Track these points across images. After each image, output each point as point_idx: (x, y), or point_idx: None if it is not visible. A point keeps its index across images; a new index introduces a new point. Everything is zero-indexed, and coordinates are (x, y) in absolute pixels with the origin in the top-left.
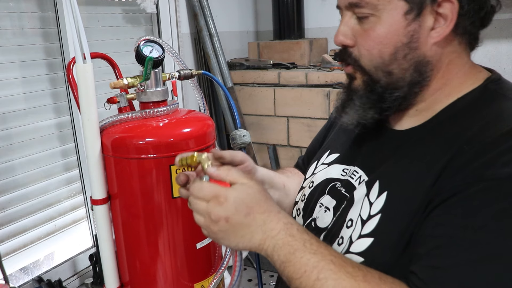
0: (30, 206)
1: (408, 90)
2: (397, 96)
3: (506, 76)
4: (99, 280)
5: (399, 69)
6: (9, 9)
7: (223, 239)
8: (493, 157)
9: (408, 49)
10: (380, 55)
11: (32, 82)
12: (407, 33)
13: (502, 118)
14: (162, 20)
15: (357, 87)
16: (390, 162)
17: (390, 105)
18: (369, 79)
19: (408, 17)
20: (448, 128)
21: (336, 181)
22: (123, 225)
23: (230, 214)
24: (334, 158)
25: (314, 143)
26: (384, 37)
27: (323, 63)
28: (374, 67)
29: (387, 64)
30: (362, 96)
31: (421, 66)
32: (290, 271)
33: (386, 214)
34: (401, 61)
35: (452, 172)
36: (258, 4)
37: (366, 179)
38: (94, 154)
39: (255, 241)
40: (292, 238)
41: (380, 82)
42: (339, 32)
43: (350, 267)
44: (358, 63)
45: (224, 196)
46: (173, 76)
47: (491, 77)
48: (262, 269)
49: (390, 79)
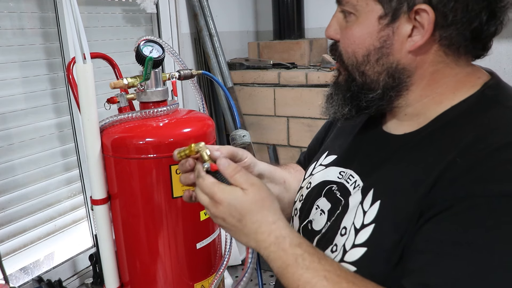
0: (30, 206)
1: (382, 93)
2: (372, 97)
3: (506, 76)
4: (99, 280)
5: (372, 72)
6: (9, 9)
7: (225, 229)
8: (485, 172)
9: (381, 54)
10: (354, 54)
11: (32, 82)
12: (380, 37)
13: (496, 130)
14: (162, 20)
15: (340, 83)
16: (385, 169)
17: (367, 105)
18: (348, 76)
19: (382, 21)
20: (442, 136)
21: (332, 183)
22: (123, 225)
23: (225, 216)
24: (332, 160)
25: (315, 141)
26: (358, 37)
27: (323, 63)
28: (350, 65)
29: (360, 64)
30: (340, 92)
31: (395, 72)
32: (285, 283)
33: (379, 224)
34: (373, 64)
35: (445, 185)
36: (258, 4)
37: (361, 184)
38: (94, 154)
39: (251, 245)
40: (284, 253)
41: (356, 81)
42: (329, 25)
43: (344, 283)
44: (341, 58)
45: (219, 199)
46: (173, 76)
47: (489, 82)
48: (262, 269)
49: (364, 80)
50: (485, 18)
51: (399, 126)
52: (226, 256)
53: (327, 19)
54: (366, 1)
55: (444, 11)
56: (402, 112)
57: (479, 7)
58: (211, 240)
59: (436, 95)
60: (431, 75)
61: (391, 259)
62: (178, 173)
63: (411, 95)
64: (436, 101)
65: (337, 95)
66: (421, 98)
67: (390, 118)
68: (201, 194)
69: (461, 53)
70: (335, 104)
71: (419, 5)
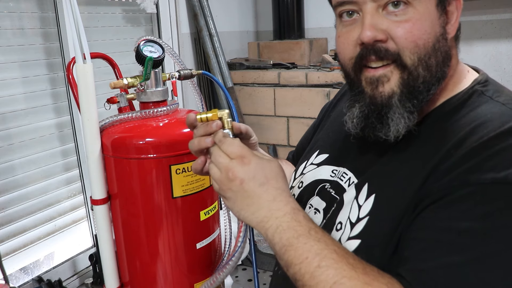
0: (30, 206)
1: (438, 86)
2: (431, 93)
3: (506, 76)
4: (99, 280)
5: (435, 62)
6: (9, 9)
7: (230, 199)
8: (479, 162)
9: (443, 41)
10: (425, 45)
11: (32, 82)
12: (440, 23)
13: (488, 123)
14: (162, 20)
15: (390, 92)
16: (379, 164)
17: (424, 101)
18: (409, 77)
19: (439, 8)
20: (435, 131)
21: (325, 182)
22: (123, 225)
23: (247, 177)
24: (324, 159)
25: (303, 140)
26: (427, 26)
27: (323, 63)
28: (418, 59)
29: (430, 56)
30: (401, 100)
31: (447, 60)
32: (291, 255)
33: (373, 216)
34: (437, 54)
35: (439, 176)
36: (258, 4)
37: (355, 181)
38: (94, 154)
39: (259, 216)
40: (298, 224)
41: (419, 79)
42: (368, 27)
43: (351, 259)
44: (400, 59)
45: (249, 158)
46: (173, 76)
47: (478, 78)
48: (262, 269)
49: (429, 74)
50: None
51: None
52: (224, 256)
53: (327, 19)
54: None
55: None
56: None
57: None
58: (211, 240)
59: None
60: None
61: (386, 250)
62: (178, 173)
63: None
64: (438, 94)
65: (397, 105)
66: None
67: None
68: (222, 156)
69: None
70: (399, 117)
71: None
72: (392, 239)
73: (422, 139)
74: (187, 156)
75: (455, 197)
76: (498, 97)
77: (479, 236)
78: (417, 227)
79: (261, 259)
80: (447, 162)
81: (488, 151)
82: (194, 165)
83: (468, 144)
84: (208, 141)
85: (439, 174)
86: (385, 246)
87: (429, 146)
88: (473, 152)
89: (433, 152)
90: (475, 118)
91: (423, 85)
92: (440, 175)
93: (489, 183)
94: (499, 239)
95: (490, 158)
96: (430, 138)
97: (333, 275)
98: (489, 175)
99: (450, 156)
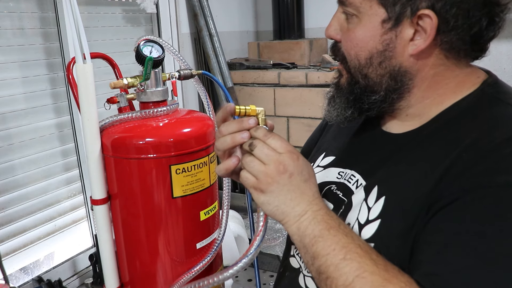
0: (30, 206)
1: (385, 95)
2: (374, 99)
3: (506, 76)
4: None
5: (375, 74)
6: (9, 9)
7: (272, 193)
8: (491, 164)
9: (383, 57)
10: (357, 57)
11: (32, 82)
12: (383, 41)
13: (499, 125)
14: (162, 20)
15: (342, 85)
16: (387, 166)
17: (370, 107)
18: (350, 78)
19: (385, 25)
20: (445, 133)
21: (331, 184)
22: (123, 225)
23: (296, 172)
24: (330, 161)
25: (310, 142)
26: (361, 40)
27: (323, 63)
28: (353, 67)
29: (363, 67)
30: (343, 95)
31: (397, 75)
32: (320, 246)
33: (385, 219)
34: (376, 67)
35: (451, 179)
36: (258, 4)
37: (364, 183)
38: (94, 154)
39: (298, 210)
40: (330, 218)
41: (359, 83)
42: (329, 25)
43: (374, 255)
44: (344, 60)
45: (297, 154)
46: (173, 76)
47: (487, 80)
48: (262, 269)
49: (367, 82)
50: (485, 24)
51: (400, 125)
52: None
53: (327, 19)
54: (369, 4)
55: (446, 17)
56: (403, 113)
57: (479, 14)
58: (211, 240)
59: (437, 96)
60: (432, 78)
61: (402, 254)
62: (178, 173)
63: (412, 97)
64: (437, 102)
65: (339, 97)
66: (423, 99)
67: (390, 119)
68: (270, 149)
69: (461, 56)
70: (337, 107)
71: (423, 10)
72: (405, 244)
73: (432, 142)
74: (187, 156)
75: (467, 200)
76: (509, 99)
77: (493, 239)
78: (429, 231)
79: (261, 259)
80: (458, 165)
81: (500, 153)
82: (225, 165)
83: (479, 147)
84: (245, 136)
85: (451, 177)
86: (399, 250)
87: (437, 148)
88: (485, 155)
89: (443, 155)
90: (486, 121)
91: (361, 89)
92: (452, 178)
93: (502, 185)
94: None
95: (502, 161)
96: (440, 141)
97: (356, 268)
98: (502, 177)
99: (461, 158)
